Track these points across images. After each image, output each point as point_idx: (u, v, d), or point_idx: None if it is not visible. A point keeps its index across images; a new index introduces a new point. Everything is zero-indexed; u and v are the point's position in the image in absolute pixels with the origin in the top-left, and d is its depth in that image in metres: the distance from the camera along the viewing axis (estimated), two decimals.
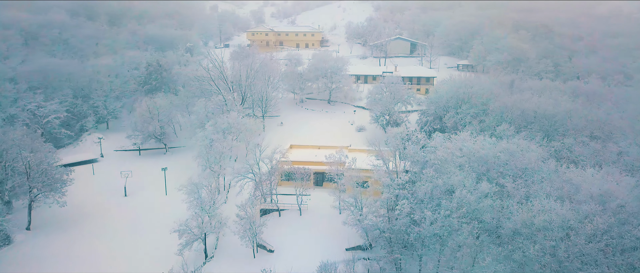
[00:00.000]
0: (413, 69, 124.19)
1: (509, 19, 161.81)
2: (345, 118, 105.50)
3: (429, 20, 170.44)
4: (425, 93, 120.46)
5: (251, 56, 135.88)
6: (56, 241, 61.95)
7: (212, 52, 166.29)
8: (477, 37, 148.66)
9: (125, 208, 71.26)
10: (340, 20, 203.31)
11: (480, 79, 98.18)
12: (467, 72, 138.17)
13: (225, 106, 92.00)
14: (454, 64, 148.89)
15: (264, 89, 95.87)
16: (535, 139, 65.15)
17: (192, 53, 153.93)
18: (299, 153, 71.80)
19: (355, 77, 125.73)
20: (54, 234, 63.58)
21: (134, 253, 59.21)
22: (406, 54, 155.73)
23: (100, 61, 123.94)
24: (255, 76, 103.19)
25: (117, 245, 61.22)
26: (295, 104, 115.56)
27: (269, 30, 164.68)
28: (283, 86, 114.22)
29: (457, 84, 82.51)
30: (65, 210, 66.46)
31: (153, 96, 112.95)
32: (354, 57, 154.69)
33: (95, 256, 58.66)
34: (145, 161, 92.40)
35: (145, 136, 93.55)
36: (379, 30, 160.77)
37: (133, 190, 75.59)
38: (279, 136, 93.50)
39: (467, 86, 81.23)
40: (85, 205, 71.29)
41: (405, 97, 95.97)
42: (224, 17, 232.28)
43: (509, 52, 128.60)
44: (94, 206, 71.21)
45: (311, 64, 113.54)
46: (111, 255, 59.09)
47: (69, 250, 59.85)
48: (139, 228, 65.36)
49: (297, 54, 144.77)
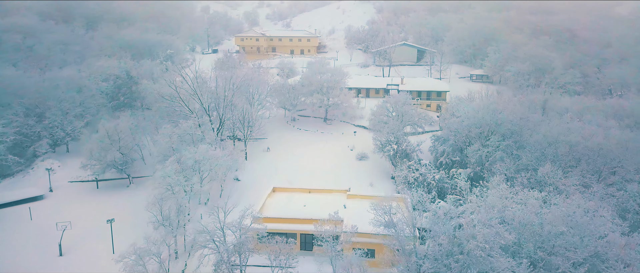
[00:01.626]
0: (422, 82, 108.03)
1: (527, 22, 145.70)
2: (343, 142, 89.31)
3: (438, 24, 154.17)
4: (437, 110, 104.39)
5: (236, 66, 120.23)
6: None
7: (192, 61, 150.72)
8: (492, 43, 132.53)
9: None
10: (340, 24, 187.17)
11: (505, 98, 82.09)
12: (483, 84, 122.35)
13: (199, 131, 75.90)
14: (466, 73, 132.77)
15: (246, 109, 79.64)
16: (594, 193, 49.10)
17: (173, 61, 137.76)
18: (283, 201, 55.64)
19: (356, 91, 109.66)
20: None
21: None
22: (412, 62, 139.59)
23: (63, 72, 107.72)
24: (238, 91, 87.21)
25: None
26: (286, 122, 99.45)
27: (260, 35, 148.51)
28: (272, 101, 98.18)
29: (482, 108, 66.24)
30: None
31: (120, 115, 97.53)
32: (354, 65, 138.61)
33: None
34: (103, 196, 76.23)
35: (103, 165, 77.42)
36: (382, 36, 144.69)
37: (72, 246, 59.39)
38: (263, 168, 77.38)
39: (495, 111, 64.99)
40: (6, 269, 55.18)
41: (416, 120, 79.90)
42: (215, 19, 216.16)
43: (531, 62, 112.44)
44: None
45: (304, 76, 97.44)
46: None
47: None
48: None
49: (290, 63, 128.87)
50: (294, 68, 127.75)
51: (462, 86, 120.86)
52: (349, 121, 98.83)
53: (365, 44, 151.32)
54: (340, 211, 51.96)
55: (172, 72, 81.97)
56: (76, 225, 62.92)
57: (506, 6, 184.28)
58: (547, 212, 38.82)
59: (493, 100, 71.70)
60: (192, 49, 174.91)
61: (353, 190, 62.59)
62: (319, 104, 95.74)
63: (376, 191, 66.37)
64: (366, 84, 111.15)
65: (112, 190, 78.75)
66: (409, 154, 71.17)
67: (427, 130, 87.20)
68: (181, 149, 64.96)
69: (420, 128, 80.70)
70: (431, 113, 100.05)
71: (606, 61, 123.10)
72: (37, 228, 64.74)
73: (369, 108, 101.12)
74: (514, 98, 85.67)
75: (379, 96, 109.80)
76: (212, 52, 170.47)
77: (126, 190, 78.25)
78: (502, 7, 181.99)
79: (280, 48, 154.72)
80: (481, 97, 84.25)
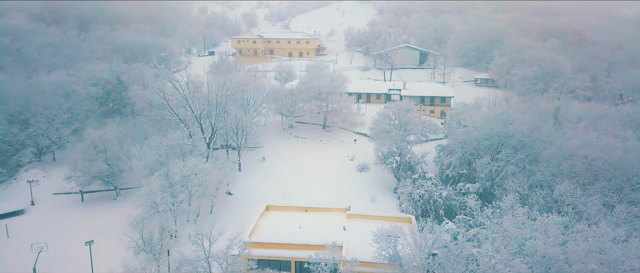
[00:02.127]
0: (425, 87, 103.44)
1: (533, 24, 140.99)
2: (343, 150, 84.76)
3: (440, 26, 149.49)
4: (441, 116, 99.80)
5: (231, 69, 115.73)
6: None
7: (188, 63, 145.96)
8: (497, 46, 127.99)
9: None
10: (339, 25, 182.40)
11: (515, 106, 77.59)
12: (489, 88, 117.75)
13: (189, 141, 71.41)
14: (470, 77, 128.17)
15: (240, 117, 75.07)
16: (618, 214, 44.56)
17: (167, 64, 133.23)
18: (277, 221, 51.11)
19: (356, 96, 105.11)
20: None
21: None
22: (415, 65, 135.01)
23: (50, 77, 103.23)
24: (232, 98, 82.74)
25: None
26: (283, 130, 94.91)
27: (258, 38, 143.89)
28: (268, 107, 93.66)
29: (491, 118, 61.62)
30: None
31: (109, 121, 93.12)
32: (354, 68, 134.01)
33: None
34: (88, 210, 71.70)
35: (88, 177, 72.85)
36: (383, 38, 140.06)
37: (49, 270, 54.84)
38: (258, 180, 72.81)
39: (505, 122, 60.37)
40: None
41: (420, 128, 75.33)
42: (212, 20, 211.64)
43: (539, 66, 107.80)
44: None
45: (302, 81, 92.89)
46: None
47: None
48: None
49: (288, 66, 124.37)
50: (291, 72, 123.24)
51: (467, 91, 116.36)
52: (348, 128, 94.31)
53: (365, 46, 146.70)
54: (340, 233, 47.54)
55: (164, 78, 77.18)
56: (55, 245, 58.44)
57: (510, 7, 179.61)
58: (572, 244, 34.28)
59: (503, 110, 66.96)
60: (188, 51, 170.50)
61: (353, 207, 58.14)
62: (317, 110, 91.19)
63: (378, 207, 62.01)
64: (367, 89, 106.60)
65: (98, 202, 74.27)
66: (413, 166, 66.65)
67: (431, 138, 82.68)
68: (169, 163, 60.42)
69: (423, 136, 76.09)
70: (435, 120, 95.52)
71: (616, 64, 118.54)
72: (13, 247, 60.21)
73: (370, 115, 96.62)
74: (524, 105, 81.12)
75: (380, 102, 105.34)
76: (208, 54, 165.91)
77: (113, 203, 73.73)
78: (506, 8, 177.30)
79: (278, 50, 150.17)
80: (489, 104, 79.66)
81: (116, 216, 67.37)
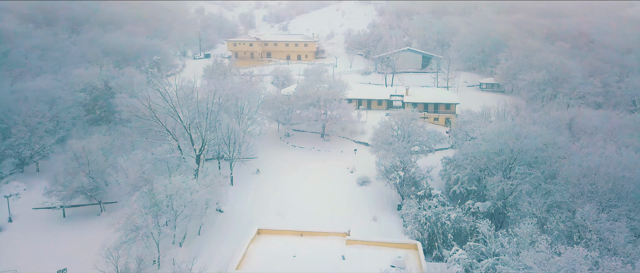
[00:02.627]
0: (429, 93, 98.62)
1: (539, 26, 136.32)
2: (343, 161, 79.96)
3: (443, 28, 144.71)
4: (446, 124, 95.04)
5: (228, 74, 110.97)
6: None
7: (182, 67, 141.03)
8: (503, 49, 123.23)
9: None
10: (339, 27, 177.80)
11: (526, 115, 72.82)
12: (494, 93, 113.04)
13: (178, 153, 66.67)
14: (475, 81, 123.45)
15: (233, 127, 70.26)
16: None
17: (160, 68, 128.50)
18: (269, 248, 46.29)
19: (356, 102, 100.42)
20: None
21: None
22: (417, 69, 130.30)
23: (35, 82, 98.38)
24: (225, 106, 78.03)
25: None
26: (280, 138, 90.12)
27: (254, 40, 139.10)
28: (264, 114, 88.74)
29: (503, 131, 56.78)
30: None
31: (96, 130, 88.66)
32: (355, 72, 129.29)
33: None
34: (70, 227, 66.79)
35: (70, 192, 68.03)
36: (384, 41, 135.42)
37: None
38: (251, 195, 68.00)
39: (518, 136, 55.55)
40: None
41: (425, 139, 70.54)
42: (209, 22, 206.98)
43: (547, 70, 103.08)
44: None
45: (300, 87, 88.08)
46: None
47: None
48: None
49: (285, 70, 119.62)
50: (289, 76, 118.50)
51: (472, 96, 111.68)
52: (348, 137, 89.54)
53: (366, 49, 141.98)
54: (338, 262, 42.81)
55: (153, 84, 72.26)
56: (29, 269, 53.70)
57: (513, 8, 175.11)
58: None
59: (515, 122, 62.09)
60: (183, 54, 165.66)
61: (353, 228, 53.49)
62: (315, 118, 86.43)
63: (380, 228, 57.25)
64: (368, 94, 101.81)
65: (81, 218, 69.36)
66: (418, 181, 61.87)
67: (436, 148, 77.90)
68: (153, 180, 55.63)
69: (428, 148, 71.25)
70: (440, 128, 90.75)
71: (626, 68, 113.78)
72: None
73: (371, 122, 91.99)
74: (535, 114, 76.28)
75: (381, 108, 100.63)
76: (204, 57, 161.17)
77: (96, 220, 68.70)
78: (509, 9, 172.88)
79: (276, 53, 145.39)
80: (498, 113, 74.86)
81: (99, 235, 62.36)
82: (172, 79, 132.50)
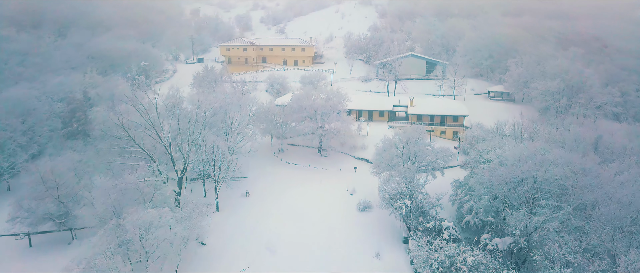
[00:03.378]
0: (435, 104, 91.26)
1: (549, 29, 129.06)
2: (342, 181, 72.71)
3: (448, 31, 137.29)
4: (454, 137, 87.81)
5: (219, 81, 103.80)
6: None
7: (173, 72, 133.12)
8: (512, 54, 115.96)
9: None
10: (338, 30, 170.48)
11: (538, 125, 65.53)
12: (504, 102, 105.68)
13: (158, 177, 59.37)
14: (483, 89, 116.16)
15: (218, 146, 62.93)
16: None
17: (148, 74, 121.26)
18: None
19: (357, 113, 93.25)
20: None
21: None
22: (421, 76, 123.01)
23: (10, 92, 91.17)
24: (211, 121, 70.87)
25: None
26: (273, 154, 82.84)
27: (249, 45, 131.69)
28: (255, 128, 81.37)
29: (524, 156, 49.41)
30: None
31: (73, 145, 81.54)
32: (355, 79, 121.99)
33: None
34: (35, 258, 59.65)
35: (36, 218, 60.81)
36: (386, 45, 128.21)
37: None
38: (238, 224, 60.65)
39: (543, 163, 48.11)
40: None
41: (433, 159, 63.23)
42: (204, 24, 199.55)
43: (562, 78, 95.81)
44: None
45: (295, 99, 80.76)
46: None
47: None
48: None
49: (281, 76, 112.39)
50: (285, 83, 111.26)
51: (480, 106, 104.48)
52: (348, 153, 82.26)
53: (366, 53, 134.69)
54: None
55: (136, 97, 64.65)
56: None
57: (520, 9, 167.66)
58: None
59: (536, 144, 54.65)
60: (175, 58, 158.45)
61: (353, 268, 46.14)
62: (311, 132, 79.15)
63: (384, 268, 49.90)
64: (369, 105, 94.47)
65: (49, 248, 62.11)
66: (427, 211, 54.55)
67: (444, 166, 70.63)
68: (123, 212, 48.33)
69: (436, 168, 63.89)
70: (447, 143, 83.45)
71: None
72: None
73: (372, 136, 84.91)
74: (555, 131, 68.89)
75: (383, 120, 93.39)
76: (197, 61, 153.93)
77: (67, 249, 61.57)
78: (516, 11, 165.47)
79: (271, 58, 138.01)
80: (513, 130, 67.52)
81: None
82: (162, 86, 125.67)
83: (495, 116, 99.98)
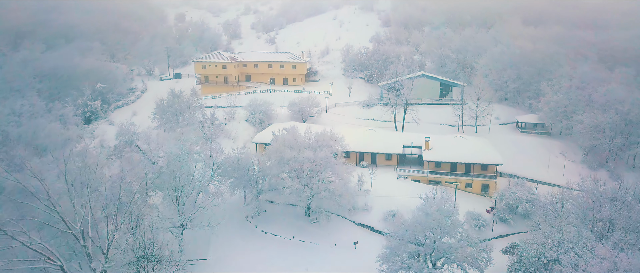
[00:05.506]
0: (457, 147, 70.75)
1: (588, 44, 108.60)
2: (337, 267, 52.56)
3: (464, 44, 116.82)
4: (482, 192, 67.62)
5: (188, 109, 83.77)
6: None
7: (141, 92, 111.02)
8: (546, 74, 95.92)
9: None
10: (336, 40, 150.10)
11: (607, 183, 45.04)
12: (537, 136, 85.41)
13: None
14: (508, 117, 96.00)
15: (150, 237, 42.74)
16: None
17: (105, 98, 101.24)
18: None
19: (357, 156, 73.32)
20: None
21: None
22: (434, 99, 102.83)
23: None
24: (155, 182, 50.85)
25: None
26: (246, 218, 62.45)
27: (229, 61, 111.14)
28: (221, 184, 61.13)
29: None
30: None
31: None
32: (354, 104, 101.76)
33: None
34: None
35: None
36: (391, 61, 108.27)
37: None
38: None
39: None
40: None
41: (468, 258, 42.99)
42: (187, 31, 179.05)
43: (616, 110, 75.77)
44: None
45: (275, 148, 60.50)
46: None
47: None
48: None
49: (265, 102, 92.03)
50: (269, 111, 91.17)
51: (509, 141, 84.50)
52: (345, 217, 61.94)
53: (368, 71, 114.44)
54: None
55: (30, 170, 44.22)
56: None
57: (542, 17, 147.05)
58: None
59: None
60: (149, 73, 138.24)
61: None
62: (296, 193, 58.81)
63: None
64: (372, 145, 74.10)
65: None
66: None
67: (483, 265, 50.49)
68: None
69: (473, 267, 43.65)
70: (477, 202, 63.24)
71: None
72: None
73: (377, 189, 64.76)
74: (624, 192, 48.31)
75: (391, 164, 73.33)
76: (174, 77, 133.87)
77: None
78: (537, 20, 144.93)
79: (257, 76, 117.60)
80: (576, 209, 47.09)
81: None
82: (123, 112, 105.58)
83: (530, 155, 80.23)
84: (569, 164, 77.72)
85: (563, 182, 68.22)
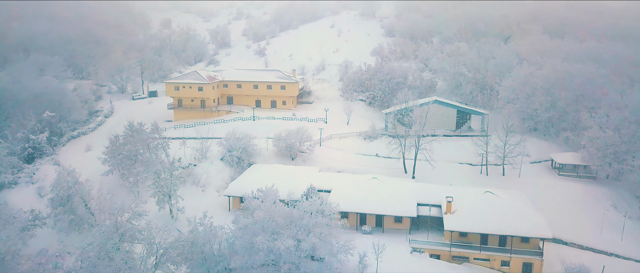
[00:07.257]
0: (489, 211, 53.88)
1: (626, 60, 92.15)
2: None
3: (482, 60, 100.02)
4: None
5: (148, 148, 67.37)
6: None
7: (107, 115, 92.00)
8: (584, 102, 79.42)
9: None
10: (333, 53, 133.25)
11: None
12: (580, 182, 68.78)
13: None
14: (542, 154, 79.21)
15: None
16: None
17: (55, 128, 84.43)
18: None
19: (357, 218, 56.77)
20: None
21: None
22: (450, 130, 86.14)
23: None
24: None
25: None
26: None
27: (207, 82, 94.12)
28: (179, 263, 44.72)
29: None
30: None
31: None
32: (354, 135, 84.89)
33: None
34: None
35: None
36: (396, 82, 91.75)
37: None
38: None
39: None
40: None
41: None
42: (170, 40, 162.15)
43: None
44: None
45: (243, 228, 43.91)
46: None
47: None
48: None
49: (245, 135, 75.31)
50: (250, 147, 74.53)
51: (543, 185, 68.94)
52: None
53: (370, 92, 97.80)
54: None
55: None
56: None
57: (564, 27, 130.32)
58: None
59: None
60: (121, 91, 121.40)
61: None
62: None
63: None
64: (378, 203, 57.26)
65: None
66: None
67: None
68: None
69: None
70: None
71: None
72: None
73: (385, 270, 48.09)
74: None
75: (401, 228, 56.65)
76: (148, 95, 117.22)
77: None
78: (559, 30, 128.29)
79: (240, 99, 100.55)
80: None
81: None
82: (78, 142, 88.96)
83: (576, 210, 63.78)
84: (626, 223, 61.24)
85: (634, 252, 52.39)
